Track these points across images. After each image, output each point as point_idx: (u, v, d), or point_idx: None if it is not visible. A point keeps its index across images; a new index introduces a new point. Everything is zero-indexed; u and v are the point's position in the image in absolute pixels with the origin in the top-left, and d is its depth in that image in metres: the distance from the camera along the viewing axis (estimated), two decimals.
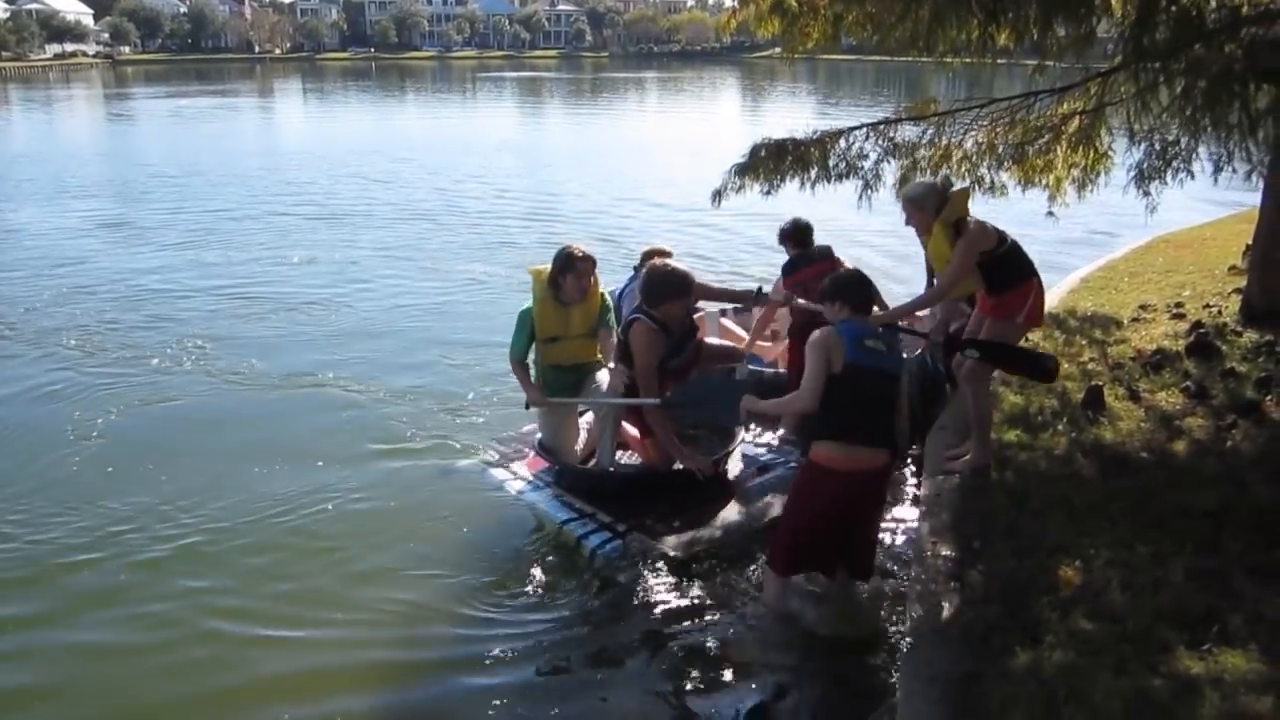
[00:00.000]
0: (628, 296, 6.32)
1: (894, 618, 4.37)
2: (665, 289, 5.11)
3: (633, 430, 5.67)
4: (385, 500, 5.83)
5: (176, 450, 6.50)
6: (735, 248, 12.91)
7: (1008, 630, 3.54)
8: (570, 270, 5.25)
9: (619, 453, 5.79)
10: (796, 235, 6.35)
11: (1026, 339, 6.67)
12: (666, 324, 5.16)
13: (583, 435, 5.90)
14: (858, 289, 4.29)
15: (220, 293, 10.68)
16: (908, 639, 3.73)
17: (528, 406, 5.61)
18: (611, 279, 6.85)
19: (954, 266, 4.86)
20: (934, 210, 4.98)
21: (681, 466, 5.31)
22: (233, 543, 5.33)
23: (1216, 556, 3.86)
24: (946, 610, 3.81)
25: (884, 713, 3.70)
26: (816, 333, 4.12)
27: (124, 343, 8.83)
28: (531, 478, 5.73)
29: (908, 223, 5.18)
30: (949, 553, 4.27)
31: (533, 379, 5.50)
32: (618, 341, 5.30)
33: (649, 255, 6.45)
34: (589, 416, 5.96)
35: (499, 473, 5.89)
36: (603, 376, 5.40)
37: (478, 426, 6.83)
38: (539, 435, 5.78)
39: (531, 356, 5.56)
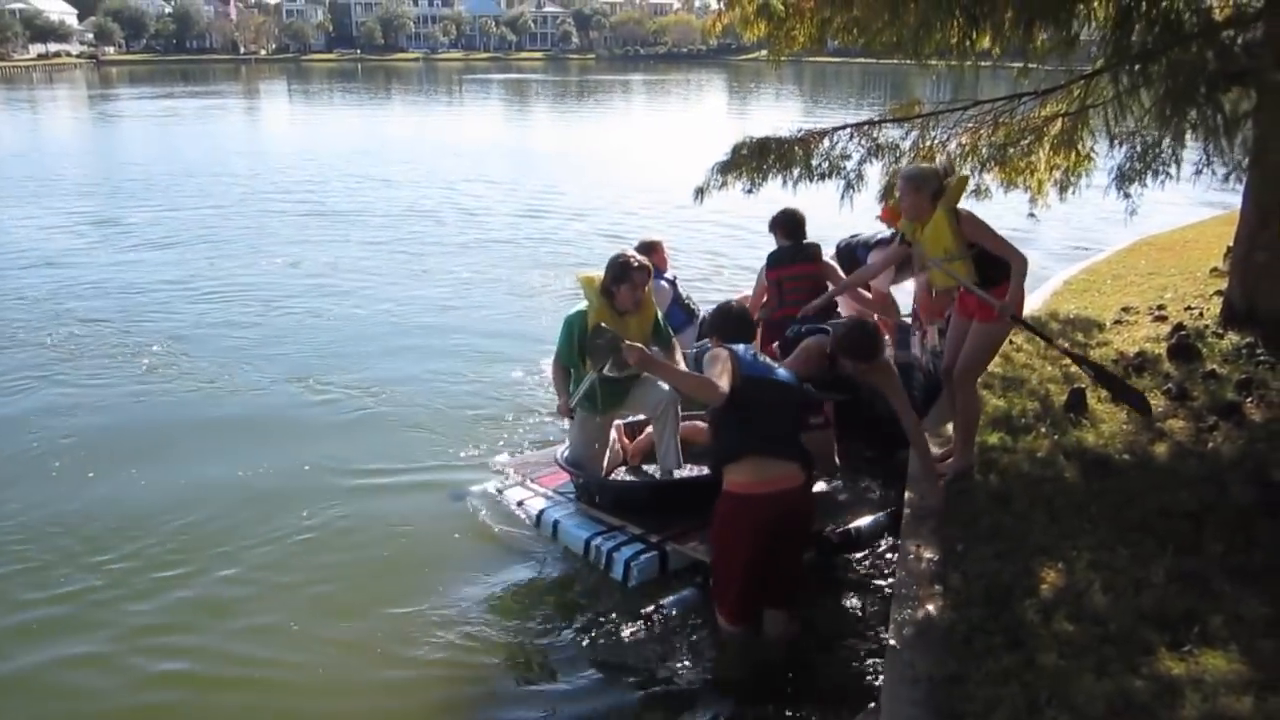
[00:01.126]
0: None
1: (877, 620, 4.39)
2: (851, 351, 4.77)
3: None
4: (384, 528, 5.46)
5: (149, 467, 6.21)
6: (735, 242, 12.94)
7: (990, 632, 3.55)
8: (625, 280, 5.04)
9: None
10: (786, 225, 6.18)
11: (1011, 343, 6.72)
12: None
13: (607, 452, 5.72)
14: (735, 325, 4.32)
15: (207, 295, 10.61)
16: (890, 641, 3.73)
17: (569, 417, 5.43)
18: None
19: (1005, 247, 4.88)
20: (930, 194, 4.98)
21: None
22: (206, 576, 4.97)
23: (1197, 558, 3.88)
24: (929, 612, 3.82)
25: (867, 716, 3.70)
26: (710, 350, 4.15)
27: (104, 346, 8.71)
28: (550, 494, 5.53)
29: (899, 203, 5.15)
30: (932, 555, 4.28)
31: (574, 387, 5.26)
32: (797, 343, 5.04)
33: (644, 248, 6.46)
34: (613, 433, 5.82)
35: (515, 492, 5.67)
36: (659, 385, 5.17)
37: (486, 440, 6.62)
38: (562, 449, 5.60)
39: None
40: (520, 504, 5.54)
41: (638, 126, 37.93)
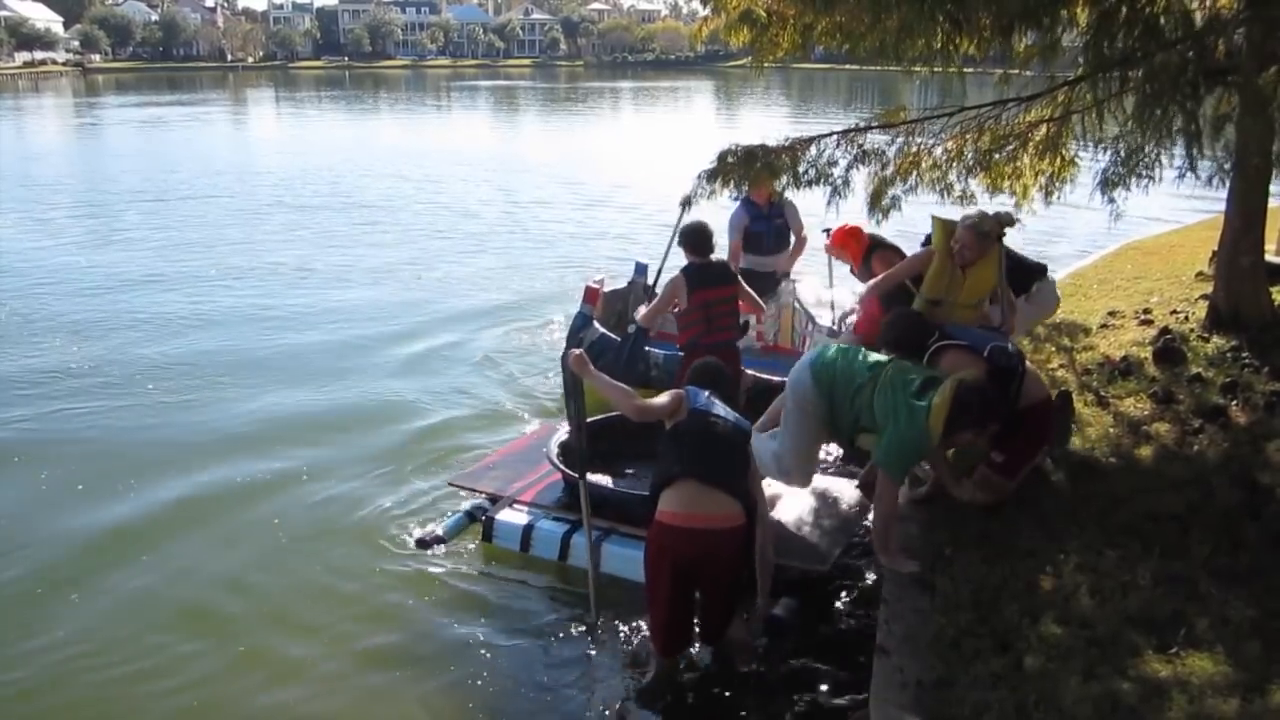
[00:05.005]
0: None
1: (866, 625, 4.39)
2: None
3: None
4: (357, 597, 4.90)
5: (68, 509, 5.83)
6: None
7: (979, 636, 3.55)
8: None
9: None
10: (691, 240, 6.07)
11: None
12: None
13: None
14: (706, 378, 4.28)
15: (179, 307, 10.45)
16: (879, 645, 3.73)
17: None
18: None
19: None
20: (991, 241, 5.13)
21: None
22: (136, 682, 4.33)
23: (1183, 560, 3.90)
24: (918, 616, 3.82)
25: None
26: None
27: (57, 361, 8.48)
28: (559, 514, 5.12)
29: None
30: (920, 559, 4.27)
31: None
32: None
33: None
34: None
35: (510, 515, 5.19)
36: None
37: (425, 457, 6.40)
38: (555, 442, 5.27)
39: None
40: (530, 530, 5.06)
41: (629, 133, 38.00)
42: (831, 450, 6.19)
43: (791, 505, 5.01)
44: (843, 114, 36.07)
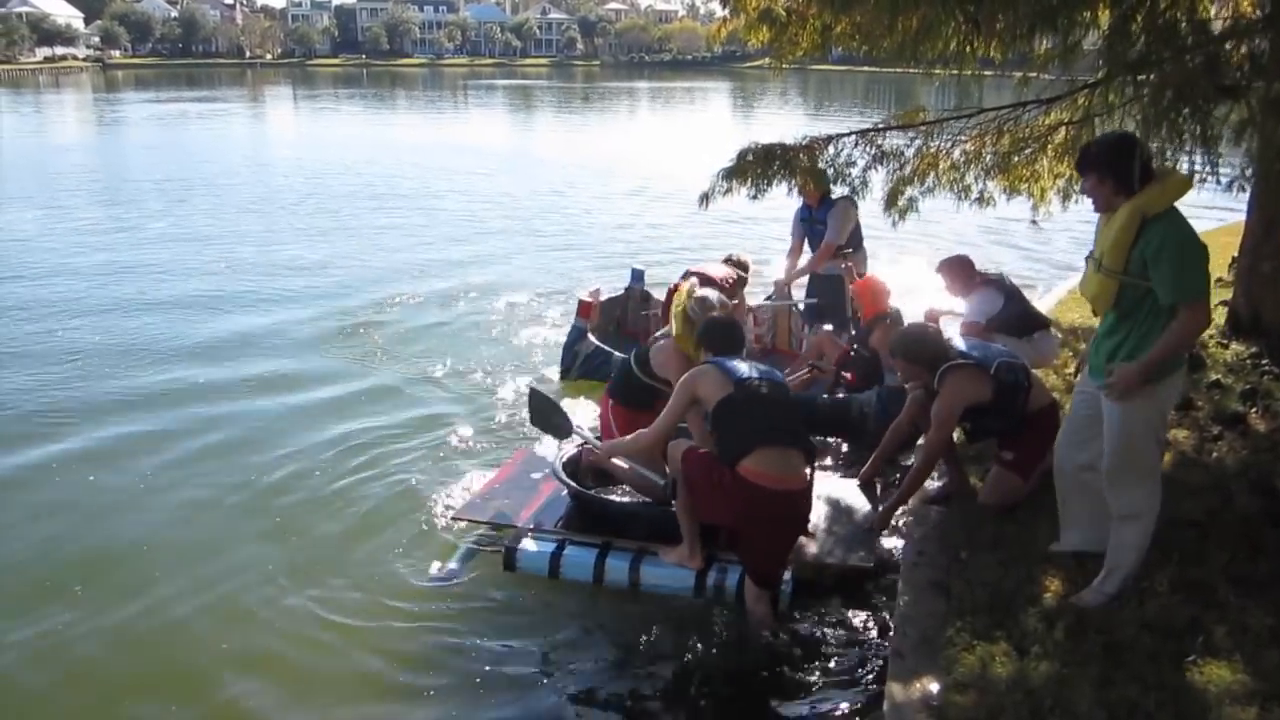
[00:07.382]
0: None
1: (881, 627, 4.37)
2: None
3: None
4: (382, 634, 4.51)
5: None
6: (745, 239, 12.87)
7: (994, 640, 3.53)
8: None
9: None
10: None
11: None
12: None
13: None
14: (723, 337, 4.45)
15: (185, 307, 10.36)
16: (895, 648, 3.72)
17: None
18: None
19: None
20: None
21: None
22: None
23: (1201, 567, 3.87)
24: (933, 619, 3.81)
25: None
26: (687, 373, 4.26)
27: (58, 368, 8.21)
28: (546, 531, 4.86)
29: None
30: (936, 562, 4.26)
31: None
32: None
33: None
34: None
35: (529, 544, 4.79)
36: None
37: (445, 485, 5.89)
38: (557, 456, 5.14)
39: None
40: (559, 556, 4.69)
41: (646, 132, 38.04)
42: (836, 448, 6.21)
43: (820, 508, 4.96)
44: (860, 115, 35.96)
